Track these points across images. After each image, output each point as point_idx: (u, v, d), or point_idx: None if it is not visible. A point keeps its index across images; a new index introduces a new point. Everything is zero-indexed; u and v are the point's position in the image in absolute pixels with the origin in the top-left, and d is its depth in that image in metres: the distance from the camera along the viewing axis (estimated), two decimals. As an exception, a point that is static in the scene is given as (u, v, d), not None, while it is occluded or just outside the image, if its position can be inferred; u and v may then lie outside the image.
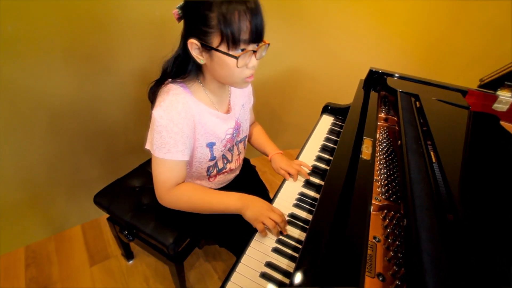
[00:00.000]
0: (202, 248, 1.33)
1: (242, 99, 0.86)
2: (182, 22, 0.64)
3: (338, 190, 0.60)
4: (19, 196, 1.18)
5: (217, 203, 0.72)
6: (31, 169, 1.16)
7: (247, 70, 0.64)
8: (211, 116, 0.73)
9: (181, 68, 0.69)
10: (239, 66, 0.61)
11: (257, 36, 0.59)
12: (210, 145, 0.77)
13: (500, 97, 1.01)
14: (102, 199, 0.98)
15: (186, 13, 0.62)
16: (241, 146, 0.92)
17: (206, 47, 0.60)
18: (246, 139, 0.94)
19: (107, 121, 1.26)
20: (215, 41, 0.58)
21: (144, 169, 1.10)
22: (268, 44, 0.64)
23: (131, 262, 1.27)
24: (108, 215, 1.02)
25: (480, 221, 0.48)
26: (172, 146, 0.66)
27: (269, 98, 1.72)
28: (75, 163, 1.27)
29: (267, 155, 0.94)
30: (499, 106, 1.02)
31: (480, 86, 1.07)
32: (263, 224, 0.66)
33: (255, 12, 0.57)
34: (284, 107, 1.82)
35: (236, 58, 0.59)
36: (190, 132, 0.69)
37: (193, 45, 0.61)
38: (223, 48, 0.59)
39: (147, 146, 0.71)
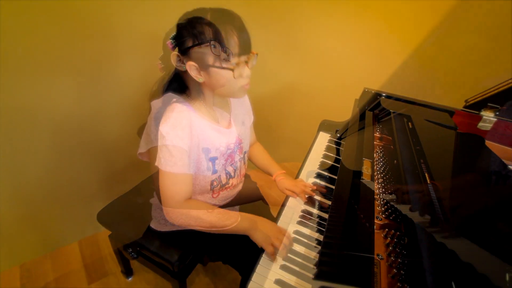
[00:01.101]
0: (206, 265, 1.33)
1: (242, 117, 0.91)
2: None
3: (343, 213, 0.64)
4: (14, 213, 1.16)
5: (226, 223, 0.74)
6: (27, 186, 1.15)
7: (243, 79, 0.72)
8: (213, 131, 0.78)
9: (179, 90, 0.75)
10: (236, 77, 0.68)
11: (245, 48, 0.67)
12: (213, 160, 0.80)
13: (484, 117, 1.09)
14: (106, 216, 0.99)
15: (180, 40, 0.67)
16: (242, 162, 0.95)
17: (203, 66, 0.67)
18: (247, 155, 0.98)
19: (106, 137, 1.27)
20: (210, 59, 0.65)
21: (147, 186, 1.11)
22: (257, 54, 0.72)
23: (130, 279, 1.26)
24: (110, 232, 1.03)
25: (472, 237, 0.52)
26: (178, 160, 0.70)
27: (267, 114, 1.77)
28: (72, 179, 1.26)
29: (271, 175, 0.98)
30: (483, 125, 1.09)
31: (465, 107, 1.15)
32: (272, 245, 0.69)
33: (241, 28, 0.65)
34: (281, 122, 1.87)
35: (232, 70, 0.66)
36: (194, 146, 0.73)
37: (192, 66, 0.67)
38: (218, 63, 0.65)
39: (156, 163, 0.73)
